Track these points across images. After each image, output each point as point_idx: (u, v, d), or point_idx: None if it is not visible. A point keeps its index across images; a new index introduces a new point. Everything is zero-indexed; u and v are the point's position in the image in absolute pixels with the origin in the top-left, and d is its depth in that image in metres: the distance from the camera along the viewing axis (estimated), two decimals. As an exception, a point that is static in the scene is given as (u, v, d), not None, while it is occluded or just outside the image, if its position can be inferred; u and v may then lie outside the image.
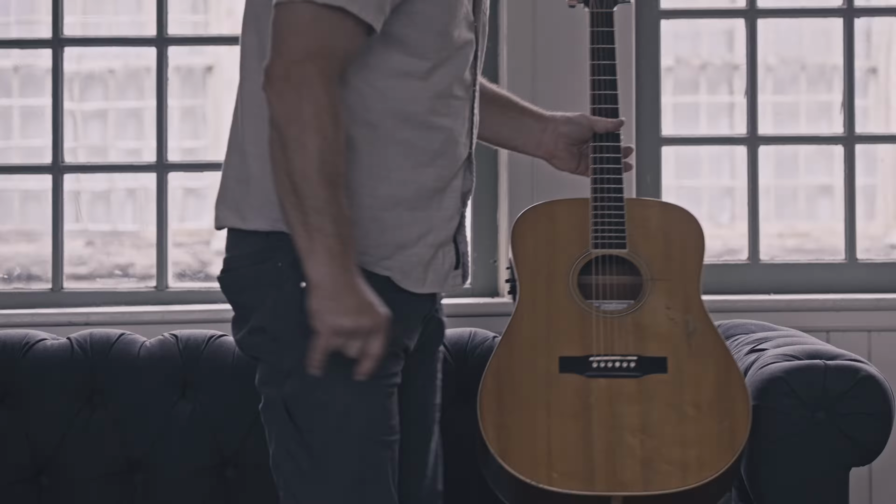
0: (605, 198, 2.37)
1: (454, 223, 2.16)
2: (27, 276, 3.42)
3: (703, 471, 2.18)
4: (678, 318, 2.30)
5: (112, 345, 2.79)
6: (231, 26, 5.93)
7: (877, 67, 4.33)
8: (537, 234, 2.43)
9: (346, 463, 2.05)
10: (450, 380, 2.83)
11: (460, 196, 2.17)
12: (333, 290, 1.90)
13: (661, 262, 2.35)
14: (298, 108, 1.89)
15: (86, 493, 2.72)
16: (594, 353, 2.27)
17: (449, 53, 2.09)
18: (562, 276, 2.36)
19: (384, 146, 2.06)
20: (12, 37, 3.76)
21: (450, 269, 2.15)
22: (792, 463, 2.29)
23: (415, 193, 2.09)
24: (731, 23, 3.85)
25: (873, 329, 3.17)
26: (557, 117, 2.47)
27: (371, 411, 2.06)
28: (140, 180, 4.71)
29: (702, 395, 2.24)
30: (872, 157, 3.71)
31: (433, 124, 2.09)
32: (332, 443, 2.04)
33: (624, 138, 2.46)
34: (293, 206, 1.90)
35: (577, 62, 3.14)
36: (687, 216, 2.44)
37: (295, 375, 2.04)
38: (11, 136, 4.54)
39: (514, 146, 2.50)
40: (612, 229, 2.36)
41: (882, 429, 2.30)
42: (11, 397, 2.75)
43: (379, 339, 1.93)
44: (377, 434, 2.07)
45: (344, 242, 1.91)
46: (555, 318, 2.33)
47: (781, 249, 4.44)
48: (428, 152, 2.09)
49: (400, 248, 2.08)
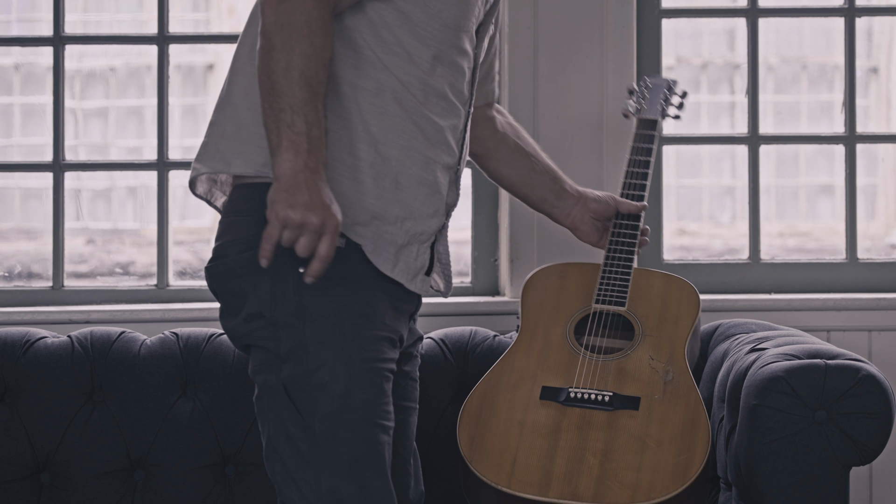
0: (616, 265, 2.62)
1: (433, 225, 2.20)
2: (28, 273, 3.42)
3: (652, 493, 2.28)
4: (659, 368, 2.46)
5: (112, 343, 2.79)
6: (232, 24, 5.93)
7: (878, 67, 4.33)
8: (546, 287, 2.66)
9: (347, 444, 2.06)
10: (450, 378, 2.83)
11: (444, 204, 2.22)
12: (291, 183, 1.94)
13: (655, 322, 2.53)
14: (290, 17, 1.97)
15: (86, 490, 2.72)
16: (574, 386, 2.43)
17: (449, 51, 2.14)
18: (561, 323, 2.58)
19: (380, 116, 2.12)
20: (13, 34, 3.75)
21: (420, 270, 2.18)
22: (792, 462, 2.29)
23: (400, 171, 2.13)
24: (732, 22, 3.85)
25: (874, 328, 3.17)
26: (588, 195, 2.67)
27: (371, 393, 2.08)
28: (141, 178, 4.70)
29: (665, 431, 2.36)
30: (873, 157, 3.71)
31: (426, 115, 2.15)
32: (332, 424, 2.06)
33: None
34: (269, 105, 1.97)
35: (579, 62, 3.14)
36: (687, 287, 2.65)
37: (294, 358, 2.06)
38: (12, 133, 4.54)
39: (543, 209, 2.68)
40: (616, 290, 2.59)
41: (882, 428, 2.30)
42: (12, 395, 2.76)
43: (328, 242, 1.96)
44: (376, 417, 2.09)
45: (312, 144, 1.96)
46: (546, 355, 2.54)
47: (782, 249, 4.44)
48: (418, 137, 2.15)
49: (376, 219, 2.11)
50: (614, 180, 3.18)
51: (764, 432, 2.30)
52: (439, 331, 2.93)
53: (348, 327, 2.08)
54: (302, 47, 1.97)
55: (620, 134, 3.17)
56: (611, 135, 3.16)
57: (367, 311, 2.10)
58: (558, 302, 2.64)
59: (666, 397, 2.40)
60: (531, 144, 2.66)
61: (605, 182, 3.15)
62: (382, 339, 2.11)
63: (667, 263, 3.28)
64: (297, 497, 2.07)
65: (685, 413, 2.38)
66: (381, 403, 2.10)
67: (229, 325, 2.17)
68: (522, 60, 3.15)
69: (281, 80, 1.96)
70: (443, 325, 3.02)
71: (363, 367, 2.07)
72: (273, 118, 1.97)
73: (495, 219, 3.25)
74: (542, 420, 2.42)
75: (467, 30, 2.19)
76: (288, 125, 1.95)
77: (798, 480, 2.29)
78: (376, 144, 2.13)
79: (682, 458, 2.30)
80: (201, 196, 2.29)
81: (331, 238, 1.96)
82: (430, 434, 2.77)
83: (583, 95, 3.17)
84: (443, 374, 2.82)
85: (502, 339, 2.89)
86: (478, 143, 2.60)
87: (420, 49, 2.13)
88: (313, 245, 1.96)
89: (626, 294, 2.59)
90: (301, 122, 1.96)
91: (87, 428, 2.73)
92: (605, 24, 3.16)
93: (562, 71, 3.13)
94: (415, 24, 2.12)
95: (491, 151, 2.62)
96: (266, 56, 1.98)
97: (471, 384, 2.83)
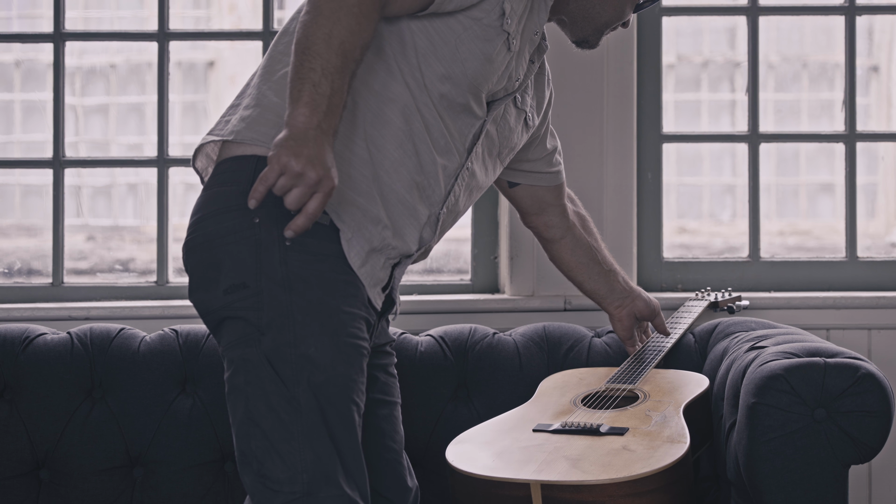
0: (637, 359, 2.76)
1: (406, 248, 2.22)
2: (28, 270, 3.41)
3: (620, 474, 2.26)
4: (655, 416, 2.48)
5: (112, 339, 2.79)
6: (232, 21, 5.93)
7: (878, 66, 4.32)
8: (559, 378, 2.76)
9: (329, 415, 2.07)
10: (449, 375, 2.83)
11: (419, 235, 2.23)
12: (300, 135, 1.95)
13: (660, 396, 2.58)
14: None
15: (85, 487, 2.72)
16: (567, 423, 2.47)
17: (463, 97, 2.21)
18: (570, 395, 2.66)
19: (383, 123, 2.16)
20: (14, 31, 3.75)
21: (380, 282, 2.19)
22: (791, 461, 2.29)
23: (386, 183, 2.16)
24: (732, 20, 3.85)
25: (873, 327, 3.17)
26: (637, 295, 2.83)
27: (351, 370, 2.09)
28: (141, 175, 4.70)
29: (643, 445, 2.36)
30: (873, 156, 3.70)
31: (426, 142, 2.20)
32: (316, 395, 2.06)
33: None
34: (301, 63, 1.97)
35: (578, 59, 3.13)
36: (697, 377, 2.69)
37: (275, 329, 2.06)
38: (13, 130, 4.53)
39: (594, 298, 2.85)
40: (632, 374, 2.68)
41: (881, 427, 2.30)
42: (11, 391, 2.76)
43: (319, 199, 1.95)
44: (354, 394, 2.10)
45: (331, 109, 1.97)
46: (548, 407, 2.60)
47: (782, 247, 4.43)
48: (412, 159, 2.18)
49: (360, 213, 2.13)
50: (615, 180, 3.18)
51: (763, 430, 2.30)
52: (439, 328, 2.93)
53: (333, 302, 2.08)
54: (348, 21, 1.98)
55: (621, 131, 3.17)
56: (611, 134, 3.16)
57: (350, 289, 2.11)
58: (568, 385, 2.72)
59: (652, 427, 2.42)
60: (595, 236, 2.81)
61: (606, 182, 3.15)
62: (361, 319, 2.12)
63: (667, 261, 3.28)
64: (280, 468, 2.05)
65: (669, 434, 2.40)
66: (360, 382, 2.11)
67: (204, 298, 2.14)
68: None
69: (320, 43, 1.97)
70: (442, 323, 3.02)
71: (347, 342, 2.08)
72: (301, 75, 1.97)
73: (495, 216, 3.25)
74: (528, 437, 2.44)
75: (481, 89, 2.24)
76: (314, 83, 1.96)
77: (797, 479, 2.29)
78: (372, 148, 2.15)
79: (652, 458, 2.30)
80: (199, 171, 2.28)
81: (322, 197, 1.95)
82: (430, 431, 2.78)
83: (583, 94, 3.16)
84: (442, 372, 2.82)
85: (502, 337, 2.89)
86: (547, 228, 2.75)
87: (436, 84, 2.18)
88: (304, 199, 1.94)
89: (641, 378, 2.66)
90: (327, 86, 1.96)
91: (87, 425, 2.73)
92: (606, 22, 3.15)
93: (561, 69, 3.13)
94: (440, 59, 2.18)
95: (557, 237, 2.77)
96: (311, 20, 1.99)
97: (470, 382, 2.83)
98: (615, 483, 2.23)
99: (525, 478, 2.26)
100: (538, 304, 3.14)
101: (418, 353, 2.83)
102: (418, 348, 2.85)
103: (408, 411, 2.58)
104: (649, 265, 3.27)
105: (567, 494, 2.23)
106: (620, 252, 3.15)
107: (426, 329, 2.94)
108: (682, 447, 2.32)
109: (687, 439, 2.36)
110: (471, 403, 2.82)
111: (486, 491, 2.30)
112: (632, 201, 3.19)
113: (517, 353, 2.86)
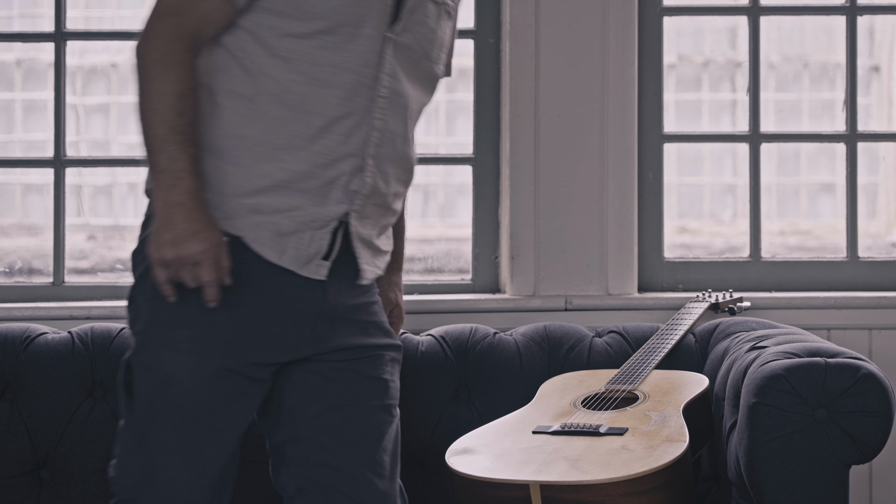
0: (637, 359, 2.75)
1: (329, 213, 2.16)
2: (28, 269, 3.41)
3: (619, 473, 2.27)
4: (654, 416, 2.50)
5: (113, 339, 2.79)
6: (234, 21, 5.91)
7: (879, 65, 4.32)
8: (559, 381, 2.76)
9: (162, 430, 2.10)
10: (450, 375, 2.83)
11: (346, 191, 2.17)
12: (160, 222, 2.03)
13: (660, 396, 2.58)
14: (145, 59, 2.07)
15: (86, 486, 2.72)
16: (566, 424, 2.48)
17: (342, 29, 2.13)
18: (570, 397, 2.66)
19: (258, 119, 2.13)
20: (15, 30, 3.75)
21: (315, 255, 2.16)
22: (792, 461, 2.29)
23: (279, 168, 2.12)
24: (733, 20, 3.84)
25: (874, 327, 3.17)
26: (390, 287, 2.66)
27: (200, 389, 2.10)
28: (142, 174, 4.69)
29: (642, 444, 2.37)
30: (874, 155, 3.70)
31: (313, 109, 2.13)
32: (149, 407, 2.10)
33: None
34: (143, 147, 2.07)
35: (580, 61, 3.13)
36: (697, 377, 2.69)
37: (135, 337, 2.13)
38: (13, 129, 4.53)
39: None
40: (632, 376, 2.67)
41: (882, 427, 2.30)
42: (12, 391, 2.76)
43: (206, 268, 2.02)
44: (201, 414, 2.11)
45: (177, 177, 2.03)
46: (547, 410, 2.61)
47: (783, 247, 4.43)
48: (301, 134, 2.13)
49: (252, 211, 2.11)
50: (616, 180, 3.18)
51: (764, 430, 2.30)
52: (439, 328, 2.93)
53: (187, 313, 2.09)
54: (155, 86, 2.05)
55: (622, 131, 3.17)
56: (612, 134, 3.16)
57: (230, 301, 2.10)
58: (569, 387, 2.73)
59: (653, 427, 2.43)
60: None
61: (606, 181, 3.15)
62: (243, 340, 2.12)
63: (667, 261, 3.28)
64: (119, 473, 2.14)
65: (668, 434, 2.40)
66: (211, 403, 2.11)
67: None
68: (523, 58, 3.15)
69: (143, 122, 2.05)
70: (443, 323, 3.02)
71: (198, 361, 2.10)
72: (147, 158, 2.06)
73: (496, 216, 3.24)
74: (529, 439, 2.45)
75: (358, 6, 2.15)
76: (155, 165, 2.04)
77: (798, 479, 2.29)
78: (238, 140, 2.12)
79: (651, 458, 2.31)
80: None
81: (208, 265, 2.01)
82: (430, 431, 2.78)
83: (584, 94, 3.17)
84: (443, 372, 2.82)
85: (503, 337, 2.89)
86: None
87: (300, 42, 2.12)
88: (196, 275, 2.02)
89: (641, 380, 2.65)
90: (164, 159, 2.03)
91: (88, 424, 2.73)
92: (607, 22, 3.16)
93: (563, 69, 3.13)
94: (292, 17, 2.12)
95: None
96: (136, 100, 2.07)
97: (471, 382, 2.83)
98: (614, 482, 2.23)
99: (524, 478, 2.27)
100: (539, 303, 3.14)
101: (419, 352, 2.83)
102: (419, 348, 2.84)
103: (408, 411, 2.58)
104: (650, 265, 3.27)
105: (566, 494, 2.24)
106: (621, 252, 3.15)
107: (427, 329, 2.94)
108: (681, 446, 2.32)
109: (686, 438, 2.36)
110: (472, 403, 2.82)
111: (486, 492, 2.30)
112: (633, 201, 3.19)
113: (518, 353, 2.85)
